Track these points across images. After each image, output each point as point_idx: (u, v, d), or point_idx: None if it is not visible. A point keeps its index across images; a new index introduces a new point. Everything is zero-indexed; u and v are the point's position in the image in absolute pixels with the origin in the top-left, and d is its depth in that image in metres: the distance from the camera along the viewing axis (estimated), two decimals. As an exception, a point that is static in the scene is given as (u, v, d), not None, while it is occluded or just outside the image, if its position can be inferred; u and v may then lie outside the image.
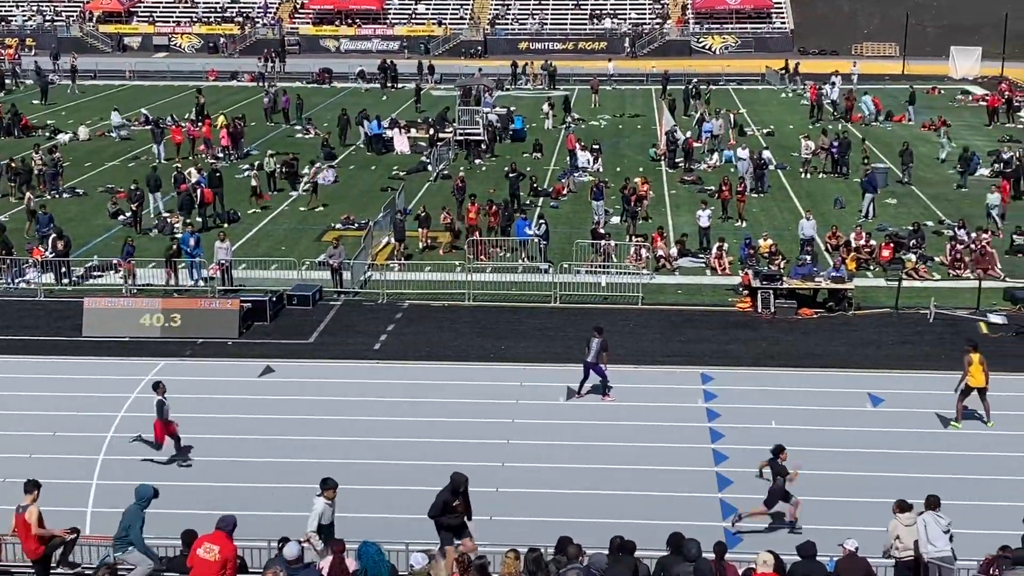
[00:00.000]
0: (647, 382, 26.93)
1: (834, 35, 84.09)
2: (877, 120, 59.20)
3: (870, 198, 41.10)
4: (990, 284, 33.27)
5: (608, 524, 17.76)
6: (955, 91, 69.59)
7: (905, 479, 21.15)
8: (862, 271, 34.62)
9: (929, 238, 37.33)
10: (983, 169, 46.92)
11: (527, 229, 36.80)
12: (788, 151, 50.55)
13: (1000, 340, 29.36)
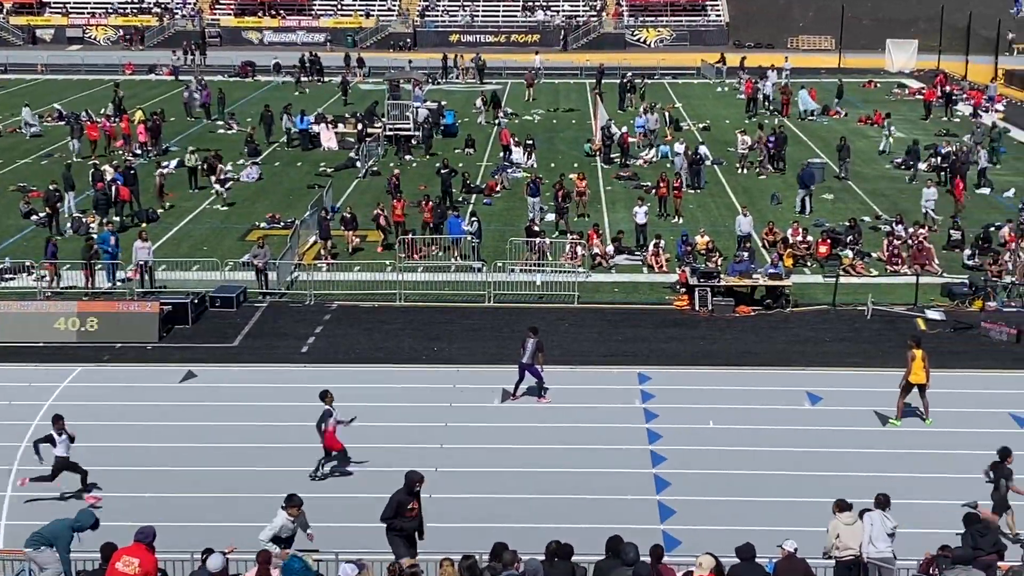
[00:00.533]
0: (583, 383, 26.98)
1: (769, 28, 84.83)
2: (813, 114, 59.64)
3: (804, 193, 41.51)
4: (928, 280, 33.74)
5: (544, 529, 17.79)
6: (891, 84, 70.43)
7: (844, 478, 21.37)
8: (799, 268, 34.93)
9: (866, 234, 37.77)
10: (921, 164, 47.52)
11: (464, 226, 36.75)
12: (725, 146, 50.88)
13: (938, 336, 29.75)
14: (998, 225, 37.97)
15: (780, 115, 58.99)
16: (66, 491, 21.19)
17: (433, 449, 23.56)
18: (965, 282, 33.17)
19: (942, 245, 36.81)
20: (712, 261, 33.65)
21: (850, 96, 64.74)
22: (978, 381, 27.16)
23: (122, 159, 46.85)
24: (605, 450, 23.50)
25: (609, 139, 50.18)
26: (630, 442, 24.04)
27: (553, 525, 18.13)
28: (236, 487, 22.25)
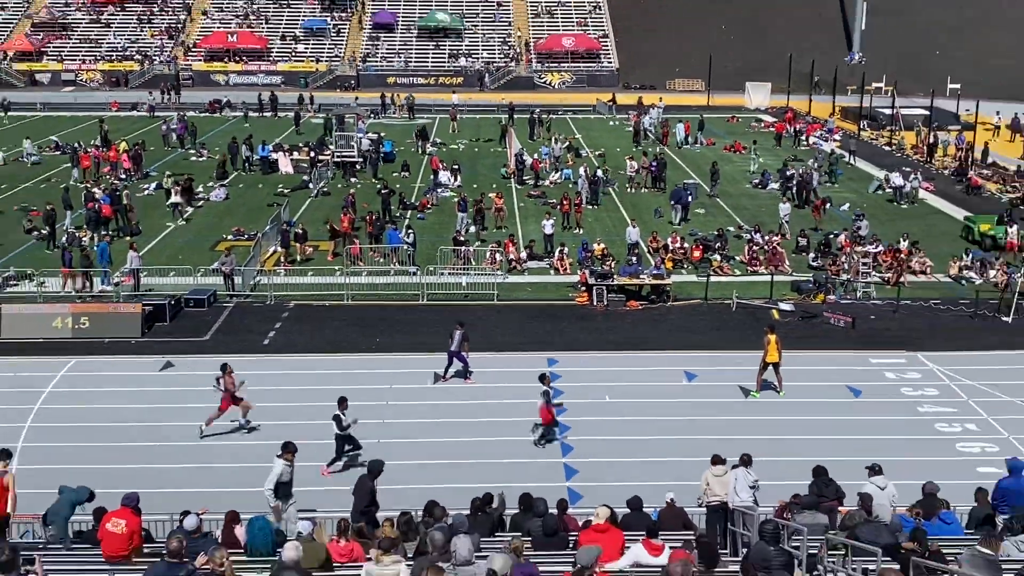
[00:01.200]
0: (502, 366, 26.99)
1: (652, 72, 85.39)
2: (687, 143, 60.24)
3: (678, 208, 41.87)
4: (781, 278, 34.25)
5: (469, 488, 17.74)
6: (750, 119, 71.25)
7: (715, 441, 21.46)
8: (677, 269, 35.19)
9: (731, 241, 38.18)
10: (774, 184, 48.20)
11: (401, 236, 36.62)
12: (616, 170, 51.18)
13: (789, 324, 30.19)
14: (836, 233, 38.67)
15: (661, 144, 59.44)
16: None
17: (376, 424, 23.42)
18: (810, 280, 33.65)
19: (791, 250, 37.33)
20: (607, 264, 33.86)
21: (716, 129, 65.44)
22: (821, 360, 27.63)
23: (109, 183, 46.09)
24: (520, 422, 23.51)
25: (521, 164, 50.27)
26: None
27: (476, 485, 18.09)
28: (209, 458, 22.02)
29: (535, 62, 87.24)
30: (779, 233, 38.62)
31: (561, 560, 12.97)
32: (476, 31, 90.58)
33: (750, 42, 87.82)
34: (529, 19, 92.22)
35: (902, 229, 39.04)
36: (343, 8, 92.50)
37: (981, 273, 34.82)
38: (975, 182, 49.20)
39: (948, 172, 52.97)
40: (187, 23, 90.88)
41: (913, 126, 62.51)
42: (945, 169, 53.76)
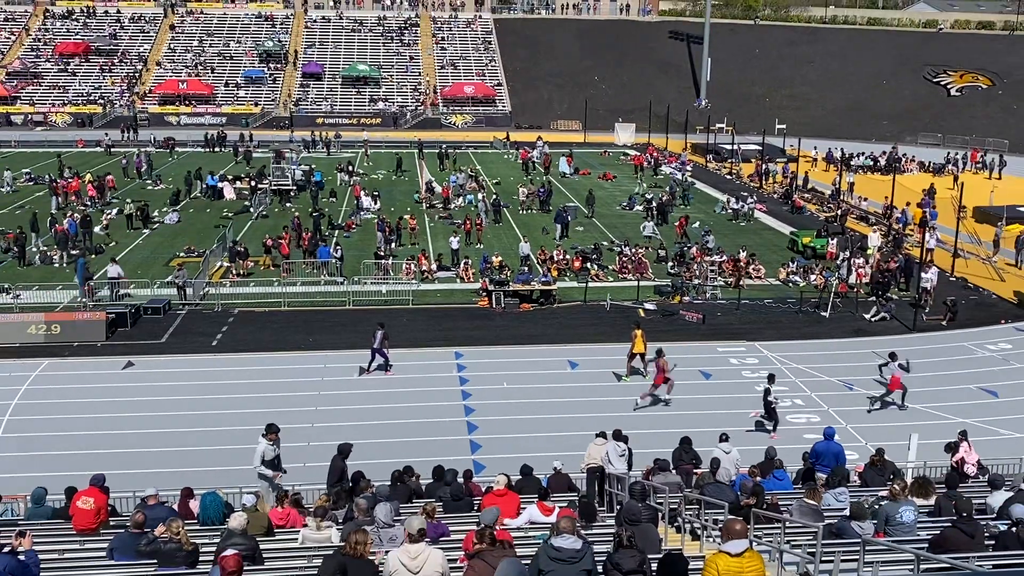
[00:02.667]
0: (417, 360, 26.82)
1: (538, 114, 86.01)
2: (567, 174, 60.69)
3: (561, 227, 42.20)
4: (645, 283, 34.72)
5: (390, 463, 17.62)
6: (619, 153, 72.17)
7: (594, 418, 21.66)
8: (562, 277, 35.41)
9: (605, 253, 38.57)
10: (638, 206, 48.86)
11: (331, 252, 36.14)
12: (510, 195, 51.35)
13: (652, 321, 30.63)
14: (689, 246, 39.36)
15: (546, 174, 59.79)
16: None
17: (310, 410, 23.13)
18: (669, 284, 34.23)
19: (653, 260, 37.91)
20: (504, 273, 33.94)
21: (592, 161, 66.15)
22: (679, 350, 27.77)
23: (77, 209, 44.52)
24: (432, 406, 23.47)
25: (431, 191, 50.06)
26: (449, 399, 24.07)
27: (396, 460, 17.96)
28: (165, 443, 21.43)
29: (441, 105, 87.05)
30: (644, 246, 39.20)
31: (467, 520, 12.96)
32: (391, 79, 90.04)
33: (618, 89, 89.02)
34: (436, 70, 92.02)
35: (741, 242, 39.94)
36: (278, 60, 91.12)
37: (804, 277, 35.80)
38: (798, 204, 50.62)
39: (777, 196, 54.28)
40: (143, 72, 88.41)
41: (749, 158, 64.01)
42: (774, 193, 55.12)
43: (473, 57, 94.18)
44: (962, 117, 79.78)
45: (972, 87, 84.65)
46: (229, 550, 9.43)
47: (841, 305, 32.18)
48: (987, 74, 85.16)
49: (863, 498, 13.03)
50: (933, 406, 23.60)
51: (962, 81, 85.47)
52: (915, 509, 11.78)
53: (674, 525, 13.38)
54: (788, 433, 21.80)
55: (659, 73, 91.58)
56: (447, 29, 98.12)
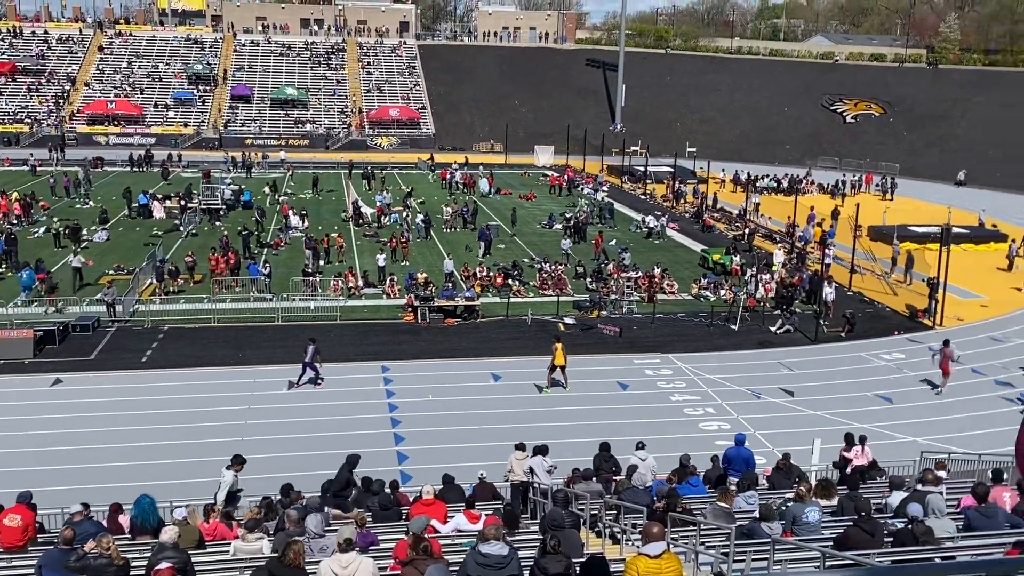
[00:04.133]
0: (345, 374, 26.50)
1: (461, 137, 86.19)
2: (490, 194, 60.89)
3: (484, 244, 42.28)
4: (565, 298, 34.98)
5: (320, 474, 17.34)
6: (539, 174, 72.71)
7: (517, 428, 21.84)
8: (485, 292, 35.48)
9: (526, 270, 38.72)
10: (557, 225, 49.26)
11: (260, 269, 35.50)
12: (435, 214, 51.29)
13: (571, 334, 30.85)
14: (607, 263, 39.81)
15: (470, 194, 59.91)
16: None
17: (240, 424, 22.65)
18: (587, 299, 34.54)
19: (572, 275, 38.22)
20: (428, 289, 33.82)
21: (513, 181, 66.50)
22: (597, 362, 28.29)
23: (3, 227, 42.91)
24: (360, 419, 23.20)
25: (357, 210, 49.67)
26: (376, 412, 23.84)
27: (325, 472, 17.69)
28: (94, 459, 20.71)
29: (368, 128, 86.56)
30: (563, 263, 39.47)
31: (396, 529, 12.84)
32: (319, 102, 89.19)
33: (537, 113, 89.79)
34: (363, 93, 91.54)
35: (655, 259, 40.58)
36: (207, 82, 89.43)
37: (714, 292, 36.51)
38: (708, 223, 51.68)
39: (688, 215, 55.34)
40: (71, 92, 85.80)
41: (662, 180, 65.11)
42: (686, 213, 56.12)
43: (398, 81, 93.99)
44: (857, 142, 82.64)
45: (866, 114, 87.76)
46: (162, 563, 9.17)
47: (749, 318, 32.90)
48: (879, 102, 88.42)
49: (771, 500, 13.30)
50: (834, 412, 24.26)
51: (856, 109, 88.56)
52: (819, 509, 12.08)
53: (595, 530, 13.46)
54: (700, 440, 22.14)
55: (576, 98, 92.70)
56: (373, 54, 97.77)
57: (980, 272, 40.70)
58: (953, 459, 18.73)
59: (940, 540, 10.46)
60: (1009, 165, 72.07)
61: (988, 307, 35.39)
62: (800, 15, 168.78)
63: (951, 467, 17.41)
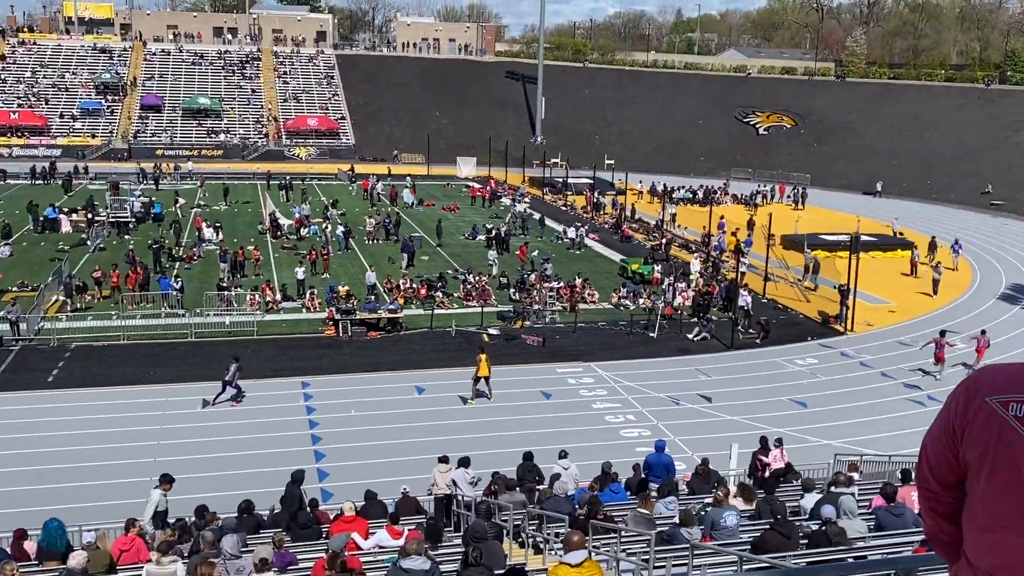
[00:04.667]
0: (264, 390, 25.97)
1: (382, 148, 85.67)
2: (413, 205, 60.63)
3: (407, 256, 42.07)
4: (489, 309, 35.01)
5: (237, 494, 16.95)
6: (461, 185, 72.77)
7: (441, 441, 21.70)
8: (408, 304, 35.26)
9: (450, 281, 38.57)
10: (481, 236, 49.32)
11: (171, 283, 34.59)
12: (356, 225, 50.84)
13: (496, 345, 30.88)
14: (530, 273, 39.99)
15: (392, 205, 59.57)
16: None
17: (152, 444, 21.98)
18: (511, 310, 34.65)
19: (496, 287, 38.30)
20: (350, 302, 33.46)
21: (435, 192, 66.40)
22: (521, 372, 28.36)
23: None
24: (279, 436, 22.76)
25: (275, 222, 48.90)
26: (296, 429, 23.42)
27: (242, 491, 17.31)
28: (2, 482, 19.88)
29: (284, 138, 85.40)
30: (487, 273, 39.52)
31: (316, 548, 12.62)
32: (233, 112, 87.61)
33: (459, 125, 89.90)
34: (280, 103, 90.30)
35: (576, 269, 40.94)
36: (115, 92, 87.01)
37: (634, 301, 37.00)
38: (627, 233, 52.42)
39: (607, 226, 56.03)
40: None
41: (581, 191, 65.81)
42: (605, 224, 56.81)
43: (316, 91, 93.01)
44: (770, 154, 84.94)
45: (778, 126, 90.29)
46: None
47: (667, 326, 33.43)
48: (790, 115, 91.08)
49: (691, 505, 13.51)
50: (750, 417, 24.80)
51: (769, 121, 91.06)
52: (737, 513, 12.32)
53: (518, 541, 13.46)
54: (621, 447, 22.37)
55: (497, 110, 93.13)
56: (289, 64, 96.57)
57: (888, 279, 42.18)
58: (865, 461, 19.33)
59: (852, 540, 10.77)
60: (913, 175, 74.96)
61: (896, 312, 36.69)
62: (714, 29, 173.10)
63: (863, 468, 17.96)
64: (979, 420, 2.12)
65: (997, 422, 2.09)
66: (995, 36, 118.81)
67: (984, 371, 2.21)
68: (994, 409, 2.11)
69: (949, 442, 2.19)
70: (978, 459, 2.12)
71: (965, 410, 2.16)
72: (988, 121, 77.63)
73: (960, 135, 77.86)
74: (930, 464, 2.26)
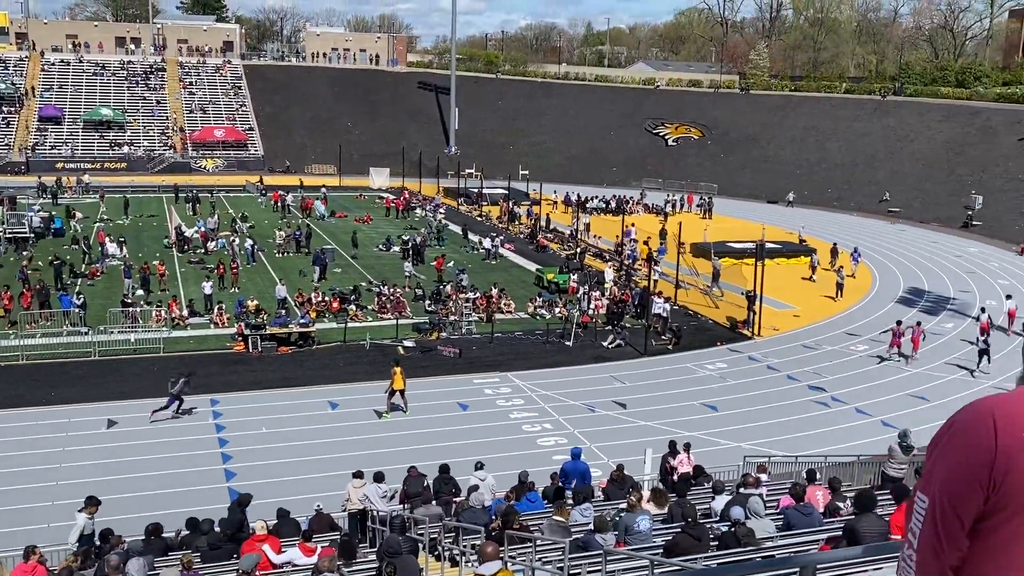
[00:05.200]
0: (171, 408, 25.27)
1: (292, 159, 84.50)
2: (325, 217, 59.89)
3: (319, 269, 41.52)
4: (404, 321, 34.79)
5: (145, 516, 16.44)
6: (375, 196, 72.16)
7: (355, 456, 21.47)
8: (321, 318, 34.82)
9: (364, 294, 38.14)
10: (395, 247, 49.01)
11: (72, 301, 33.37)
12: (266, 239, 49.98)
13: (412, 357, 30.74)
14: (447, 283, 39.93)
15: (304, 217, 58.76)
16: None
17: (54, 467, 21.15)
18: (427, 322, 34.52)
19: (411, 298, 38.10)
20: (260, 317, 32.84)
21: (348, 204, 65.74)
22: (437, 383, 28.27)
23: None
24: (188, 456, 22.18)
25: (181, 236, 47.71)
26: (206, 448, 22.87)
27: (151, 513, 16.79)
28: None
29: (191, 149, 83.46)
30: (406, 286, 39.26)
31: (227, 568, 12.34)
32: (137, 124, 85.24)
33: (371, 136, 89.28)
34: (185, 114, 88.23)
35: (492, 279, 41.02)
36: (11, 103, 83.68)
37: (549, 310, 37.30)
38: (542, 243, 52.83)
39: (523, 236, 56.39)
40: None
41: (496, 202, 66.07)
42: (520, 234, 57.19)
43: (223, 102, 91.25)
44: (679, 164, 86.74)
45: (686, 137, 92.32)
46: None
47: (582, 335, 33.80)
48: (698, 126, 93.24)
49: (605, 511, 13.66)
50: (663, 422, 25.23)
51: (677, 132, 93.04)
52: (650, 518, 12.50)
53: (434, 554, 13.40)
54: (539, 457, 22.49)
55: (410, 121, 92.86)
56: (195, 74, 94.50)
57: (792, 284, 43.50)
58: (773, 462, 19.86)
59: (761, 541, 11.05)
60: (815, 184, 77.51)
61: (800, 317, 37.86)
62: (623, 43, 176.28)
63: (771, 469, 18.45)
64: (1022, 460, 2.01)
65: None
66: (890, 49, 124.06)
67: (997, 402, 2.10)
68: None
69: (979, 484, 2.05)
70: (1021, 500, 2.02)
71: (1006, 449, 2.03)
72: (885, 131, 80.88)
73: (858, 145, 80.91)
74: (956, 513, 2.08)
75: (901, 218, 67.19)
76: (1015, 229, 58.27)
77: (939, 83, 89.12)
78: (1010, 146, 69.68)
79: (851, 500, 11.79)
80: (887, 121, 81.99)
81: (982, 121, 74.35)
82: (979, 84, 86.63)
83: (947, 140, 75.19)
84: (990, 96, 79.87)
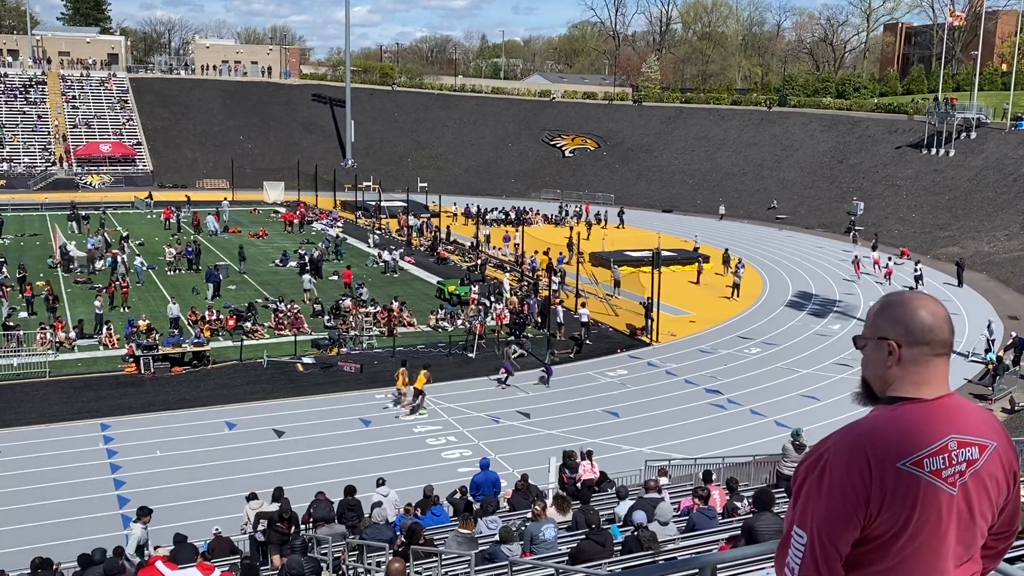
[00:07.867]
0: (57, 436, 24.18)
1: (183, 173, 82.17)
2: (217, 233, 58.32)
3: (212, 286, 40.46)
4: (303, 337, 34.18)
5: (30, 549, 15.65)
6: (269, 211, 70.78)
7: (253, 477, 20.99)
8: (216, 337, 33.90)
9: (260, 310, 37.34)
10: (292, 262, 48.15)
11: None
12: (156, 256, 48.36)
13: (312, 373, 30.22)
14: (345, 296, 39.39)
15: (195, 233, 57.13)
16: None
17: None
18: (327, 337, 33.99)
19: (310, 314, 37.47)
20: (152, 337, 31.74)
21: (242, 219, 64.30)
22: (338, 400, 27.89)
23: None
24: (78, 483, 21.24)
25: (66, 255, 45.74)
26: (97, 474, 21.94)
27: (39, 545, 16.00)
28: None
29: (76, 165, 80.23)
30: (305, 300, 38.55)
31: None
32: (16, 139, 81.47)
33: (264, 149, 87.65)
34: (69, 128, 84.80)
35: (392, 292, 40.72)
36: None
37: (451, 322, 37.24)
38: (443, 255, 52.72)
39: (423, 248, 56.21)
40: None
41: (395, 214, 65.64)
42: (421, 246, 56.96)
43: (109, 116, 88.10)
44: (576, 175, 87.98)
45: (582, 149, 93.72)
46: None
47: (485, 346, 33.85)
48: (593, 137, 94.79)
49: (511, 521, 13.70)
50: (566, 430, 25.47)
51: (573, 143, 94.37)
52: (555, 526, 12.60)
53: (338, 573, 13.18)
54: (444, 470, 22.41)
55: (305, 133, 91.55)
56: (79, 87, 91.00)
57: (687, 291, 44.57)
58: (673, 465, 20.29)
59: (662, 544, 11.26)
60: (706, 193, 79.72)
61: (696, 322, 38.83)
62: (518, 55, 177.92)
63: (672, 473, 18.84)
64: (899, 489, 2.03)
65: (917, 485, 2.02)
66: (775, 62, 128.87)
67: (864, 432, 2.09)
68: (912, 474, 2.02)
69: (857, 518, 2.06)
70: (900, 526, 2.05)
71: (880, 481, 2.03)
72: (771, 141, 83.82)
73: (746, 154, 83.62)
74: (836, 548, 2.08)
75: (788, 224, 69.70)
76: (895, 233, 61.18)
77: (821, 94, 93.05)
78: (888, 154, 73.19)
79: (750, 499, 12.15)
80: (773, 131, 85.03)
81: (861, 130, 77.88)
82: (858, 95, 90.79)
83: (829, 149, 78.45)
84: (868, 106, 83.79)
